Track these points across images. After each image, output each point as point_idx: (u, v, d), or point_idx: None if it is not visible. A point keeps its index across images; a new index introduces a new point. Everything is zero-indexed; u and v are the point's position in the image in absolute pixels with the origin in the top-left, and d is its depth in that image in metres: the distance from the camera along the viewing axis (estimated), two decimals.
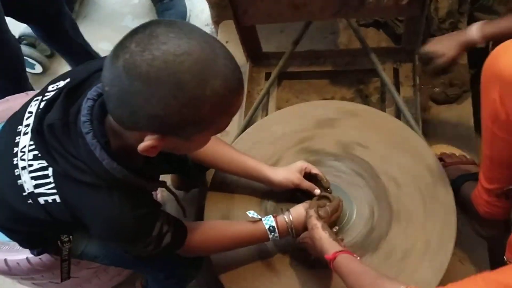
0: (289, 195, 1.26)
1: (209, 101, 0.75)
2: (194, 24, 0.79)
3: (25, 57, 2.10)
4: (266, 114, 1.68)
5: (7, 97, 1.51)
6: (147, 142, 0.78)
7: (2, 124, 1.04)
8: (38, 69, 2.19)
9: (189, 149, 0.92)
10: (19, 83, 1.79)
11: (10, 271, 1.29)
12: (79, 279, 1.48)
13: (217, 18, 2.03)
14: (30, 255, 1.25)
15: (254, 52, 1.78)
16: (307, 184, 1.21)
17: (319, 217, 1.11)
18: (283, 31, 1.96)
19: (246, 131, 1.46)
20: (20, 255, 1.27)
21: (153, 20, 0.77)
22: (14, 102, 1.47)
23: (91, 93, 0.87)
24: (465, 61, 1.64)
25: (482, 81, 1.02)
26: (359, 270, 0.96)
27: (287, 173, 1.21)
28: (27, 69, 2.15)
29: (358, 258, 1.02)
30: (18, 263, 1.27)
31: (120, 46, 0.74)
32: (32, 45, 2.18)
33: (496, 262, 1.20)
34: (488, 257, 1.37)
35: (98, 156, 0.84)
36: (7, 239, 1.27)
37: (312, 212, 1.12)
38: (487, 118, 1.03)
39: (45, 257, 1.26)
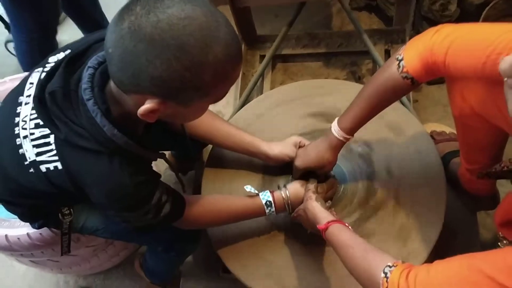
0: (286, 171, 1.29)
1: (211, 66, 0.76)
2: None
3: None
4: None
5: (5, 78, 1.53)
6: (148, 105, 0.79)
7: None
8: None
9: (187, 117, 0.92)
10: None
11: (11, 246, 1.30)
12: (78, 258, 1.50)
13: (213, 3, 2.04)
14: (31, 231, 1.27)
15: (249, 35, 1.80)
16: None
17: (316, 192, 1.14)
18: (277, 16, 1.99)
19: (239, 110, 1.48)
20: (21, 230, 1.29)
21: None
22: (12, 83, 1.48)
23: (92, 61, 0.88)
24: None
25: (446, 83, 1.06)
26: (350, 242, 0.97)
27: (282, 147, 1.23)
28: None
29: (350, 227, 1.04)
30: (18, 238, 1.28)
31: (126, 9, 0.75)
32: None
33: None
34: (478, 230, 1.40)
35: (99, 122, 0.86)
36: (7, 215, 1.30)
37: (311, 186, 1.15)
38: (455, 112, 1.07)
39: (45, 232, 1.27)
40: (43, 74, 0.93)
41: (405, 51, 0.96)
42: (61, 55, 0.96)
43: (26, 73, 1.53)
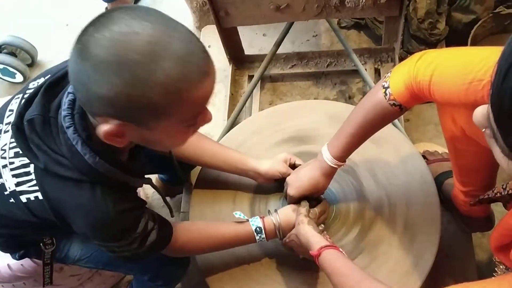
0: (277, 194, 1.26)
1: (161, 84, 0.71)
2: (159, 11, 0.76)
3: (5, 66, 2.08)
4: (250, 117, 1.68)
5: None
6: (105, 126, 0.76)
7: None
8: (19, 78, 2.16)
9: (162, 143, 0.86)
10: None
11: None
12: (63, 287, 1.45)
13: (199, 23, 2.03)
14: (11, 261, 1.22)
15: (237, 55, 1.78)
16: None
17: (307, 215, 1.11)
18: (265, 35, 1.97)
19: (229, 132, 1.46)
20: (1, 261, 1.24)
21: (119, 6, 0.76)
22: None
23: (72, 87, 0.86)
24: None
25: (436, 106, 1.05)
26: (343, 270, 0.95)
27: (272, 163, 1.21)
28: (8, 78, 2.14)
29: (344, 253, 1.01)
30: None
31: (82, 31, 0.73)
32: (13, 54, 2.16)
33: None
34: (474, 252, 1.38)
35: (80, 151, 0.83)
36: None
37: (303, 209, 1.12)
38: (446, 135, 1.07)
39: (26, 262, 1.22)
40: (23, 101, 0.90)
41: (390, 78, 0.96)
42: (41, 81, 0.93)
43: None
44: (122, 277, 1.62)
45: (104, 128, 0.76)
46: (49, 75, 0.93)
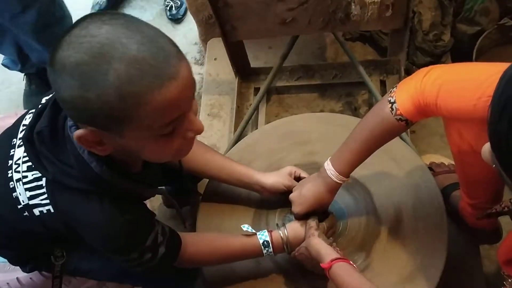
0: (283, 207, 1.26)
1: (113, 86, 0.68)
2: (132, 16, 0.74)
3: None
4: (256, 129, 1.69)
5: None
6: (79, 131, 0.76)
7: None
8: None
9: (140, 151, 0.82)
10: None
11: None
12: None
13: (205, 36, 2.05)
14: (21, 275, 1.24)
15: (243, 68, 1.79)
16: None
17: (317, 228, 1.12)
18: (271, 48, 1.99)
19: (235, 145, 1.46)
20: (10, 275, 1.25)
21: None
22: (2, 122, 1.47)
23: None
24: None
25: (443, 120, 1.06)
26: (354, 283, 0.95)
27: (277, 176, 1.21)
28: None
29: (355, 265, 1.01)
30: (8, 284, 1.25)
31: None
32: None
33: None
34: (481, 264, 1.37)
35: (87, 159, 0.84)
36: None
37: (313, 223, 1.12)
38: (453, 149, 1.07)
39: (35, 276, 1.24)
40: (34, 115, 0.92)
41: (396, 93, 0.96)
42: (53, 94, 0.95)
43: (17, 112, 1.52)
44: None
45: (77, 132, 0.76)
46: None
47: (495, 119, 0.62)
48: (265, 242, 1.10)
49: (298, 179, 1.24)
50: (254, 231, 1.13)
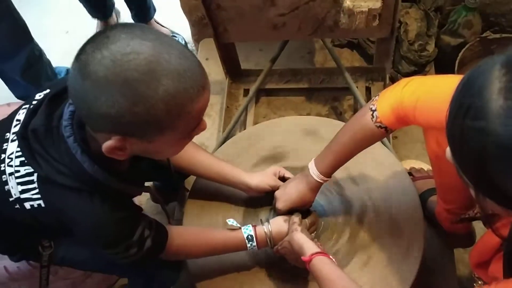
0: (268, 206, 1.31)
1: (162, 100, 0.75)
2: (153, 28, 0.81)
3: None
4: (244, 129, 1.73)
5: None
6: (108, 142, 0.79)
7: None
8: None
9: (161, 154, 0.92)
10: None
11: None
12: None
13: (198, 36, 2.09)
14: (8, 263, 1.26)
15: (233, 69, 1.83)
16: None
17: (300, 224, 1.16)
18: (262, 50, 2.03)
19: (223, 144, 1.50)
20: None
21: (114, 24, 0.80)
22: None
23: None
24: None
25: (422, 128, 1.10)
26: (332, 275, 1.00)
27: (262, 176, 1.26)
28: None
29: (334, 260, 1.05)
30: None
31: (80, 49, 0.77)
32: None
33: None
34: (455, 268, 1.43)
35: (79, 160, 0.87)
36: None
37: (296, 218, 1.17)
38: (431, 156, 1.12)
39: (23, 265, 1.26)
40: (28, 111, 0.94)
41: (378, 102, 1.02)
42: (46, 91, 0.98)
43: (10, 103, 1.54)
44: (115, 280, 1.65)
45: (107, 144, 0.80)
46: (53, 87, 0.98)
47: (450, 121, 0.67)
48: (249, 236, 1.14)
49: (282, 179, 1.28)
50: (239, 225, 1.16)
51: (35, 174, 0.91)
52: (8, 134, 0.97)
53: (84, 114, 0.80)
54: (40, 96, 0.98)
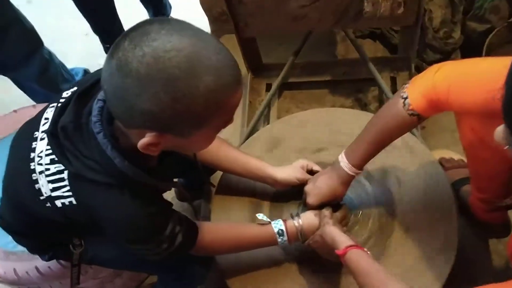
0: (296, 199, 1.29)
1: (202, 97, 0.75)
2: (188, 22, 0.79)
3: None
4: (268, 124, 1.72)
5: (14, 110, 1.54)
6: (145, 139, 0.79)
7: (13, 135, 1.06)
8: None
9: (193, 148, 0.92)
10: None
11: (19, 280, 1.29)
12: None
13: (217, 32, 2.08)
14: (39, 264, 1.26)
15: (255, 64, 1.82)
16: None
17: (331, 217, 1.14)
18: (281, 45, 2.01)
19: (248, 139, 1.49)
20: (29, 264, 1.28)
21: (147, 19, 0.78)
22: (22, 115, 1.50)
23: (102, 94, 0.89)
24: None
25: (455, 115, 1.08)
26: (369, 269, 0.98)
27: (290, 170, 1.24)
28: None
29: (369, 252, 1.03)
30: (27, 272, 1.27)
31: (115, 45, 0.76)
32: None
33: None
34: (491, 258, 1.39)
35: (110, 155, 0.86)
36: (13, 247, 1.29)
37: (327, 212, 1.15)
38: (465, 144, 1.09)
39: (53, 265, 1.26)
40: (57, 109, 0.94)
41: (409, 89, 0.99)
42: (74, 89, 0.97)
43: (36, 105, 1.55)
44: (143, 279, 1.65)
45: (143, 141, 0.79)
46: (80, 84, 0.97)
47: (508, 99, 0.64)
48: (279, 230, 1.13)
49: (310, 172, 1.27)
50: (269, 220, 1.15)
51: (66, 172, 0.91)
52: (36, 133, 0.97)
53: (121, 111, 0.79)
54: (67, 94, 0.97)
